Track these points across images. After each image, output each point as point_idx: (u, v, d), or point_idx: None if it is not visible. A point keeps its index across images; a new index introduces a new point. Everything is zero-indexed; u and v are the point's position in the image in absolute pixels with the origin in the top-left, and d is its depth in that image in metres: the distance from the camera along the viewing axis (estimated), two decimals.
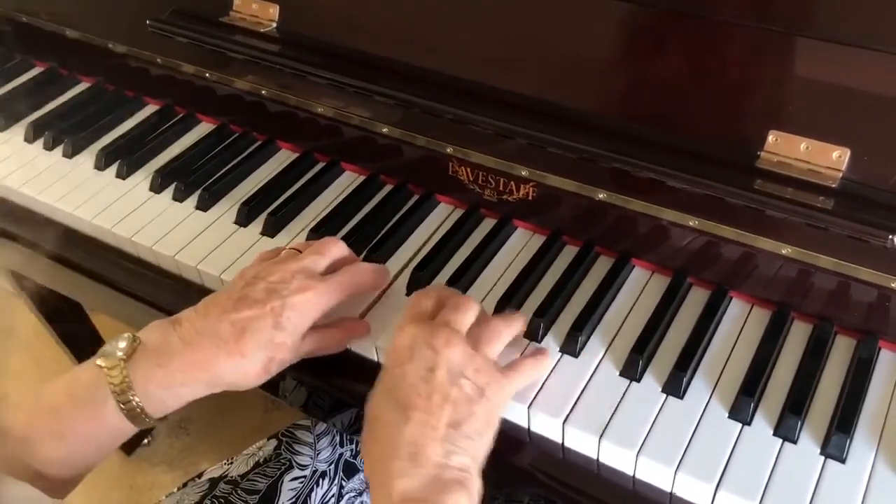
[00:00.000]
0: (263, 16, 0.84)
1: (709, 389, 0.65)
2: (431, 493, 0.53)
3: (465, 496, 0.53)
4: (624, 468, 0.62)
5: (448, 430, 0.55)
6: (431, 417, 0.55)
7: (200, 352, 0.62)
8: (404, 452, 0.54)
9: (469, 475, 0.55)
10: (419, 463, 0.54)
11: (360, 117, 0.82)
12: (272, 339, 0.63)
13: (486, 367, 0.59)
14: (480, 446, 0.57)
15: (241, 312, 0.63)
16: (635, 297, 0.73)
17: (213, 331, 0.63)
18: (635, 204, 0.70)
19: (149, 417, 0.62)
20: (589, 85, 0.71)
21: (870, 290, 0.64)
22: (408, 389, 0.56)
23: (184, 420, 1.70)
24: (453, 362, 0.57)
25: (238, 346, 0.62)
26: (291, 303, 0.63)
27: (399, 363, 0.58)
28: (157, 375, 0.62)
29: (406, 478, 0.53)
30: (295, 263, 0.67)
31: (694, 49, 0.66)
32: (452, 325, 0.60)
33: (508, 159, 0.75)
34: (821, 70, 0.62)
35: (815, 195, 0.60)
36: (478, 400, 0.57)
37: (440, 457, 0.54)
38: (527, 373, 0.64)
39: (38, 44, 1.07)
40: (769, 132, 0.63)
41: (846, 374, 0.65)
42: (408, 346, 0.59)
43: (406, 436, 0.55)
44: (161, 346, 0.63)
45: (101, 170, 0.92)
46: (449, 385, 0.56)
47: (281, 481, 0.83)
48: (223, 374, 0.63)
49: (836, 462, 0.59)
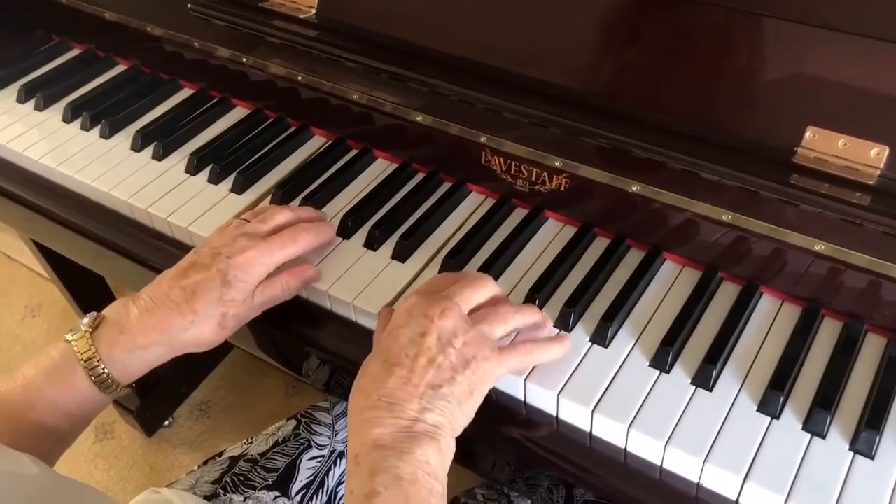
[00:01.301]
0: (303, 2, 0.85)
1: (738, 383, 0.65)
2: (401, 442, 0.56)
3: (435, 449, 0.57)
4: (652, 458, 0.63)
5: (427, 390, 0.58)
6: (413, 375, 0.58)
7: (156, 316, 0.68)
8: (383, 403, 0.57)
9: (441, 433, 0.58)
10: (395, 413, 0.57)
11: (394, 104, 0.83)
12: (222, 296, 0.68)
13: (478, 342, 0.61)
14: (458, 413, 0.59)
15: (189, 277, 0.69)
16: (666, 290, 0.73)
17: (166, 296, 0.68)
18: (668, 196, 0.71)
19: (116, 384, 0.68)
20: (627, 78, 0.71)
21: None
22: (397, 349, 0.60)
23: (204, 403, 1.72)
24: (444, 331, 0.60)
25: (190, 306, 0.67)
26: (236, 262, 0.69)
27: (395, 326, 0.62)
28: (119, 341, 0.67)
29: (380, 426, 0.57)
30: (237, 229, 0.73)
31: (734, 44, 0.66)
32: (453, 299, 0.62)
33: (542, 149, 0.75)
34: (860, 67, 0.62)
35: (852, 191, 0.60)
36: (461, 370, 0.60)
37: (415, 411, 0.57)
38: (521, 356, 0.64)
39: (76, 26, 1.08)
40: (807, 128, 0.63)
41: (876, 371, 0.65)
42: (406, 312, 0.62)
43: (387, 388, 0.58)
44: (122, 317, 0.68)
45: (137, 151, 0.93)
46: (436, 351, 0.59)
47: (299, 460, 0.85)
48: (179, 333, 0.68)
49: (865, 458, 0.59)
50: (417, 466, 0.55)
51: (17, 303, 1.97)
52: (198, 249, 0.72)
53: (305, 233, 0.74)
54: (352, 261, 0.78)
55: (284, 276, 0.73)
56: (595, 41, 0.72)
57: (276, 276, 0.73)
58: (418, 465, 0.55)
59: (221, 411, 1.70)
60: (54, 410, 0.66)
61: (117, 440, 1.67)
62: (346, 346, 0.75)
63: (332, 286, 0.75)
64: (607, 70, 0.72)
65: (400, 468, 0.54)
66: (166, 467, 1.62)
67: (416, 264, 0.77)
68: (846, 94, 0.62)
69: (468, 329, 0.61)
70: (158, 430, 1.66)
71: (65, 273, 1.38)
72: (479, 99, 0.74)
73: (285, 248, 0.72)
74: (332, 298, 0.75)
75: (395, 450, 0.55)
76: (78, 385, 0.67)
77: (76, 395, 0.67)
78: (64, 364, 0.66)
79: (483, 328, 0.62)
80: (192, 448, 1.64)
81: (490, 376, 0.62)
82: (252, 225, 0.73)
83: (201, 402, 1.72)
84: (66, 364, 0.66)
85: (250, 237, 0.71)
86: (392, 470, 0.54)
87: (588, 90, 0.72)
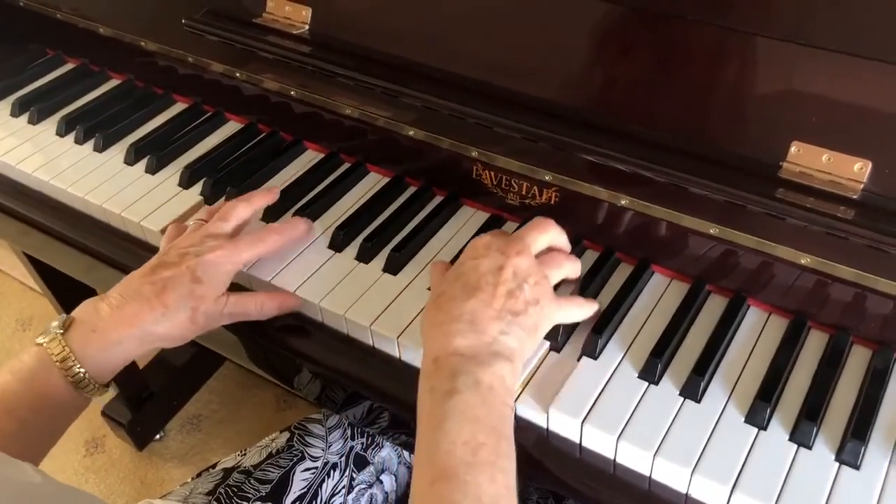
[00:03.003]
0: (296, 18, 0.86)
1: (726, 394, 0.66)
2: (482, 355, 0.59)
3: (510, 369, 0.60)
4: (640, 469, 0.64)
5: (505, 314, 0.61)
6: (494, 300, 0.62)
7: (128, 310, 0.69)
8: (465, 319, 0.61)
9: (515, 356, 0.61)
10: (476, 329, 0.60)
11: (387, 119, 0.84)
12: (192, 291, 0.69)
13: (544, 284, 0.65)
14: (528, 343, 0.63)
15: (158, 274, 0.70)
16: (654, 303, 0.74)
17: (137, 292, 0.69)
18: (657, 210, 0.72)
19: (94, 383, 0.68)
20: (615, 93, 0.72)
21: (887, 301, 0.65)
22: (477, 277, 0.63)
23: (196, 416, 1.72)
24: (520, 268, 0.64)
25: (161, 300, 0.69)
26: (205, 260, 0.71)
27: (473, 257, 0.65)
28: (92, 340, 0.68)
29: (462, 337, 0.60)
30: (202, 230, 0.75)
31: (720, 61, 0.67)
32: (526, 241, 0.66)
33: (532, 163, 0.76)
34: (843, 84, 0.63)
35: (836, 205, 0.61)
36: (533, 304, 0.63)
37: (495, 331, 0.61)
38: (574, 307, 0.70)
39: (71, 40, 1.09)
40: (791, 143, 0.64)
41: (862, 383, 0.66)
42: (484, 246, 0.66)
43: (469, 307, 0.61)
44: (92, 315, 0.69)
45: (130, 164, 0.93)
46: (513, 283, 0.63)
47: (293, 472, 0.85)
48: (151, 327, 0.69)
49: (851, 468, 0.60)
50: (494, 378, 0.58)
51: (8, 316, 1.96)
52: (164, 251, 0.74)
53: (273, 233, 0.77)
54: (343, 273, 0.78)
55: (263, 296, 0.75)
56: (584, 58, 0.73)
57: (256, 294, 0.75)
58: (495, 377, 0.58)
59: (213, 425, 1.70)
60: (33, 416, 0.66)
61: (108, 454, 1.66)
62: (338, 358, 0.75)
63: (323, 299, 0.76)
64: (596, 86, 0.73)
65: (479, 375, 0.58)
66: (157, 481, 1.61)
67: (407, 277, 0.78)
68: (830, 110, 0.63)
69: (538, 270, 0.65)
70: (150, 443, 1.66)
71: (56, 286, 1.38)
72: (469, 114, 0.75)
73: (254, 247, 0.74)
74: (324, 311, 0.76)
75: (475, 359, 0.59)
76: (55, 387, 0.67)
77: (54, 397, 0.67)
78: (39, 367, 0.67)
79: (548, 272, 0.66)
80: (183, 462, 1.64)
81: (550, 318, 0.66)
82: (215, 224, 0.75)
83: (193, 415, 1.72)
84: (41, 367, 0.67)
85: (216, 237, 0.73)
86: (472, 374, 0.58)
87: (577, 105, 0.73)
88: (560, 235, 0.70)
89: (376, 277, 0.78)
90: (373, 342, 0.74)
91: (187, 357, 1.70)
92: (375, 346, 0.74)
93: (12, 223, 0.95)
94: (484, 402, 0.57)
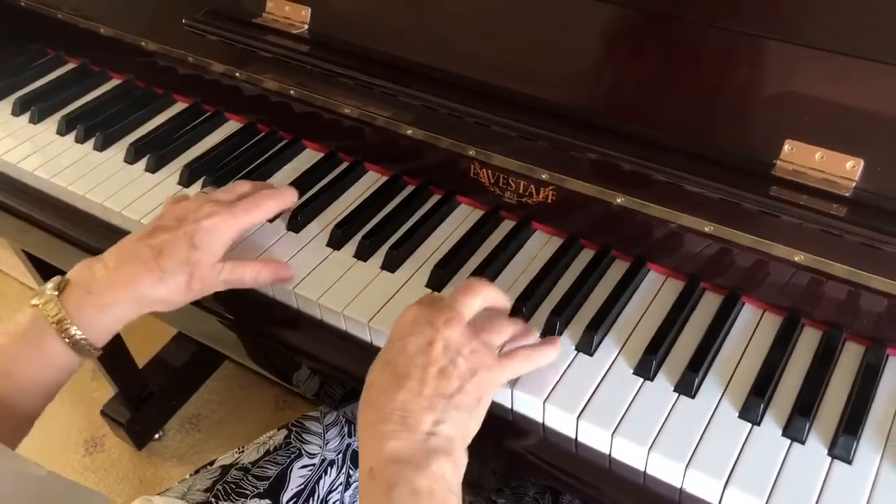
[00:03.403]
0: (296, 18, 0.86)
1: (720, 390, 0.66)
2: (418, 456, 0.56)
3: (450, 463, 0.57)
4: (635, 464, 0.64)
5: (438, 401, 0.58)
6: (425, 387, 0.58)
7: (124, 273, 0.69)
8: (396, 416, 0.57)
9: (455, 446, 0.58)
10: (409, 427, 0.57)
11: (386, 118, 0.84)
12: (189, 257, 0.69)
13: (482, 351, 0.62)
14: (469, 422, 0.60)
15: (156, 237, 0.70)
16: (649, 301, 0.75)
17: (134, 254, 0.69)
18: (652, 209, 0.72)
19: (90, 345, 0.68)
20: (612, 93, 0.73)
21: (879, 298, 0.66)
22: (405, 360, 0.60)
23: (195, 416, 1.72)
24: (451, 340, 0.61)
25: (158, 263, 0.69)
26: (202, 226, 0.71)
27: (401, 336, 0.62)
28: (87, 301, 0.68)
29: (395, 440, 0.56)
30: (202, 197, 0.75)
31: (715, 61, 0.68)
32: (456, 308, 0.63)
33: (529, 162, 0.77)
34: (836, 83, 0.63)
35: (829, 203, 0.61)
36: (469, 378, 0.60)
37: (429, 425, 0.57)
38: (521, 362, 0.66)
39: (71, 40, 1.10)
40: (785, 141, 0.65)
41: (854, 379, 0.66)
42: (411, 322, 0.62)
43: (398, 401, 0.58)
44: (87, 277, 0.69)
45: (130, 163, 0.94)
46: (444, 360, 0.60)
47: (290, 469, 0.86)
48: (147, 290, 0.69)
49: (843, 463, 0.61)
50: (434, 480, 0.55)
51: (9, 316, 1.96)
52: (161, 215, 0.74)
53: (269, 199, 0.77)
54: (342, 271, 0.79)
55: (259, 264, 0.75)
56: (579, 58, 0.74)
57: (251, 262, 0.75)
58: (434, 479, 0.55)
59: (212, 424, 1.71)
60: (29, 377, 0.67)
61: (107, 453, 1.67)
62: (336, 354, 0.76)
63: (322, 296, 0.76)
64: (593, 86, 0.74)
65: (416, 482, 0.55)
66: (156, 480, 1.62)
67: (405, 274, 0.79)
68: (823, 109, 0.64)
69: (472, 338, 0.62)
70: (149, 443, 1.67)
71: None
72: (468, 113, 0.75)
73: (249, 212, 0.74)
74: (323, 308, 0.76)
75: (410, 464, 0.55)
76: (52, 348, 0.67)
77: (51, 358, 0.67)
78: (35, 328, 0.67)
79: (484, 337, 0.63)
80: (182, 461, 1.65)
81: (494, 383, 0.63)
82: (216, 194, 0.76)
83: (192, 415, 1.73)
84: (38, 328, 0.67)
85: (215, 203, 0.73)
86: (408, 484, 0.54)
87: (574, 105, 0.74)
88: (496, 295, 0.67)
89: (374, 275, 0.79)
90: (371, 338, 0.75)
91: (186, 357, 1.71)
92: (373, 343, 0.75)
93: (13, 221, 0.96)
94: None
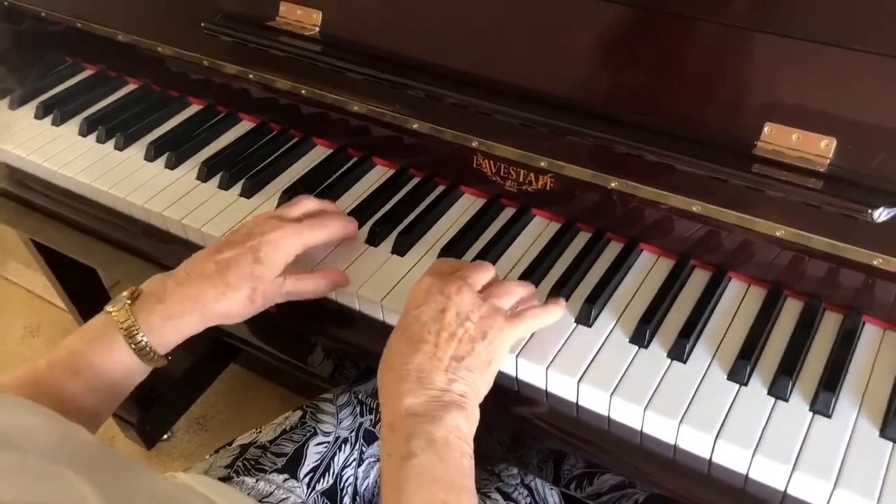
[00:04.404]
0: (307, 21, 0.92)
1: (709, 356, 0.72)
2: (433, 410, 0.62)
3: (463, 417, 0.62)
4: (632, 423, 0.69)
5: (451, 362, 0.64)
6: (438, 350, 0.64)
7: (192, 288, 0.73)
8: (412, 377, 0.63)
9: (467, 401, 0.64)
10: (424, 385, 0.63)
11: (393, 114, 0.90)
12: (252, 271, 0.74)
13: (492, 315, 0.67)
14: (480, 382, 0.66)
15: (223, 254, 0.75)
16: (643, 277, 0.80)
17: (201, 270, 0.74)
18: (644, 191, 0.78)
19: (154, 353, 0.73)
20: (606, 83, 0.79)
21: (854, 270, 0.71)
22: (420, 327, 0.65)
23: (202, 417, 1.77)
24: (462, 307, 0.66)
25: (223, 279, 0.73)
26: (267, 240, 0.75)
27: (415, 305, 0.67)
28: (157, 310, 0.72)
29: (412, 397, 0.62)
30: (268, 213, 0.80)
31: (701, 52, 0.74)
32: (466, 278, 0.69)
33: (529, 150, 0.83)
34: (809, 70, 0.69)
35: (806, 177, 0.67)
36: (480, 341, 0.66)
37: (443, 383, 0.63)
38: (530, 320, 0.71)
39: (90, 48, 1.15)
40: (765, 124, 0.71)
41: (833, 343, 0.72)
42: (424, 292, 0.68)
43: (415, 363, 0.64)
44: (159, 289, 0.74)
45: (150, 161, 0.99)
46: (456, 325, 0.65)
47: (307, 446, 0.90)
48: (212, 303, 0.73)
49: (823, 417, 0.66)
50: (449, 431, 0.61)
51: (16, 323, 2.01)
52: (233, 231, 0.79)
53: (334, 219, 0.81)
54: (355, 255, 0.84)
55: (318, 275, 0.79)
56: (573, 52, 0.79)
57: (311, 275, 0.79)
58: (449, 430, 0.61)
59: (219, 425, 1.75)
60: (96, 377, 0.71)
61: None
62: (350, 332, 0.81)
63: None
64: (588, 77, 0.80)
65: (433, 432, 0.60)
66: None
67: (414, 258, 0.84)
68: (798, 94, 0.69)
69: (482, 303, 0.67)
70: (158, 443, 1.71)
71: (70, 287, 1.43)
72: (470, 103, 0.81)
73: (313, 230, 0.78)
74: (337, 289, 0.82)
75: (427, 416, 0.61)
76: (119, 353, 0.71)
77: (117, 363, 0.72)
78: (105, 332, 0.71)
79: (494, 301, 0.68)
80: (189, 461, 1.69)
81: (505, 344, 0.68)
82: (282, 210, 0.81)
83: (199, 416, 1.77)
84: (108, 332, 0.71)
85: (280, 219, 0.78)
86: (426, 434, 0.60)
87: (570, 94, 0.79)
88: (496, 274, 0.73)
89: (385, 258, 0.84)
90: (383, 317, 0.80)
91: (194, 359, 1.76)
92: (385, 321, 0.80)
93: (41, 218, 1.01)
94: (441, 460, 0.59)
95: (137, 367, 0.73)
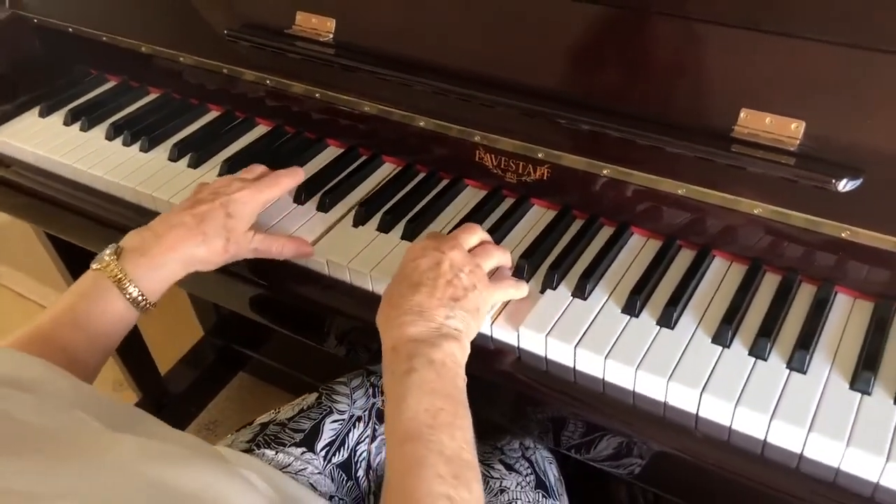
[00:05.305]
0: (322, 28, 1.00)
1: (695, 323, 0.78)
2: (432, 338, 0.70)
3: (458, 346, 0.71)
4: (625, 384, 0.76)
5: (448, 301, 0.73)
6: (437, 291, 0.73)
7: (172, 237, 0.82)
8: (414, 311, 0.71)
9: (462, 335, 0.72)
10: (424, 318, 0.71)
11: (401, 113, 0.97)
12: (225, 224, 0.84)
13: (477, 272, 0.77)
14: (472, 322, 0.74)
15: (197, 209, 0.84)
16: (633, 257, 0.87)
17: (180, 221, 0.83)
18: (634, 176, 0.85)
19: (146, 300, 0.81)
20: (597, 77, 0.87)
21: (826, 244, 0.78)
22: (419, 275, 0.74)
23: (212, 422, 1.82)
24: (455, 260, 0.75)
25: (200, 229, 0.83)
26: (234, 198, 0.86)
27: (413, 258, 0.76)
28: (141, 263, 0.81)
29: (413, 327, 0.71)
30: (229, 177, 0.90)
31: (681, 46, 0.81)
32: (457, 239, 0.78)
33: (528, 142, 0.90)
34: (780, 59, 0.77)
35: (780, 155, 0.75)
36: (471, 289, 0.75)
37: (441, 318, 0.71)
38: (506, 288, 0.81)
39: (113, 59, 1.23)
40: (741, 109, 0.78)
41: (808, 311, 0.78)
42: (421, 248, 0.77)
43: (415, 301, 0.72)
44: (140, 243, 0.82)
45: (174, 161, 1.07)
46: (450, 274, 0.74)
47: (323, 422, 0.96)
48: (192, 251, 0.83)
49: (799, 373, 0.72)
50: (445, 355, 0.69)
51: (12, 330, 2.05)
52: (197, 192, 0.88)
53: (284, 177, 0.92)
54: (367, 241, 0.91)
55: (284, 239, 0.89)
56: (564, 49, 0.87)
57: (278, 236, 0.89)
58: (446, 354, 0.69)
59: (228, 430, 1.78)
60: (95, 330, 0.78)
61: None
62: (364, 310, 0.88)
63: (351, 261, 0.88)
64: (580, 71, 0.88)
65: (432, 354, 0.68)
66: None
67: None
68: (770, 81, 0.77)
69: (471, 260, 0.77)
70: None
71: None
72: (474, 96, 0.89)
73: (270, 187, 0.90)
74: (352, 271, 0.88)
75: (426, 342, 0.69)
76: (113, 304, 0.79)
77: (113, 314, 0.79)
78: (98, 288, 0.79)
79: (479, 261, 0.78)
80: None
81: (488, 299, 0.77)
82: (239, 174, 0.93)
83: (209, 421, 1.82)
84: (100, 287, 0.79)
85: (241, 181, 0.89)
86: (426, 355, 0.68)
87: (565, 88, 0.87)
88: (487, 235, 0.84)
89: (395, 244, 0.91)
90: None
91: (205, 365, 1.81)
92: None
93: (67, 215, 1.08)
94: (439, 376, 0.67)
95: (131, 316, 0.81)
